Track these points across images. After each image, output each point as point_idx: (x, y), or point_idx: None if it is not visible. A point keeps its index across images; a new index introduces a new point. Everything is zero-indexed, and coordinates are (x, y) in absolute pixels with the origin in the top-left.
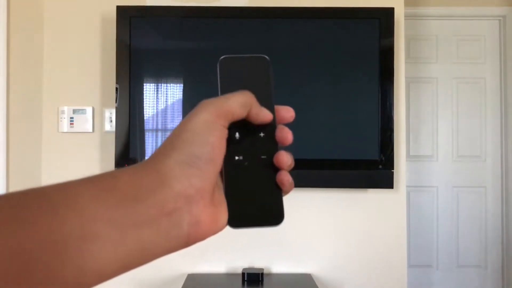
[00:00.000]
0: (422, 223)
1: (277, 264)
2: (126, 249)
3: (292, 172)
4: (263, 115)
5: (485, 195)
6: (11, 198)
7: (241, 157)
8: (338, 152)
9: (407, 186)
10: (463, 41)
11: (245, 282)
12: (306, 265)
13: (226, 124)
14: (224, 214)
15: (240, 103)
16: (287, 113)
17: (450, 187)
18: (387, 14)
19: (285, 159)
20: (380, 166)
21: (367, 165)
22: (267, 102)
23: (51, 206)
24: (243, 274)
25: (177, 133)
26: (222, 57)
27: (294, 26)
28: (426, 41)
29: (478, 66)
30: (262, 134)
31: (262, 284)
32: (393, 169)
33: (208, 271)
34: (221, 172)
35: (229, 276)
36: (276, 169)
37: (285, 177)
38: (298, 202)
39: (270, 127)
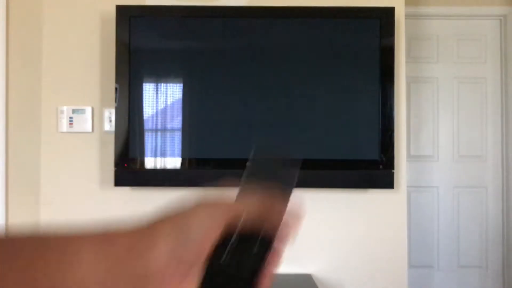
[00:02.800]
0: (422, 223)
1: None
2: None
3: None
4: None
5: (486, 195)
6: (28, 244)
7: (225, 262)
8: (338, 152)
9: (408, 186)
10: (463, 41)
11: None
12: (306, 265)
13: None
14: None
15: (251, 214)
16: (295, 221)
17: (450, 187)
18: (388, 13)
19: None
20: (381, 166)
21: (367, 165)
22: (281, 209)
23: (55, 260)
24: None
25: (177, 224)
26: (259, 144)
27: (294, 25)
28: (426, 41)
29: (479, 66)
30: (255, 250)
31: None
32: (393, 169)
33: None
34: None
35: None
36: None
37: None
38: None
39: (267, 243)
